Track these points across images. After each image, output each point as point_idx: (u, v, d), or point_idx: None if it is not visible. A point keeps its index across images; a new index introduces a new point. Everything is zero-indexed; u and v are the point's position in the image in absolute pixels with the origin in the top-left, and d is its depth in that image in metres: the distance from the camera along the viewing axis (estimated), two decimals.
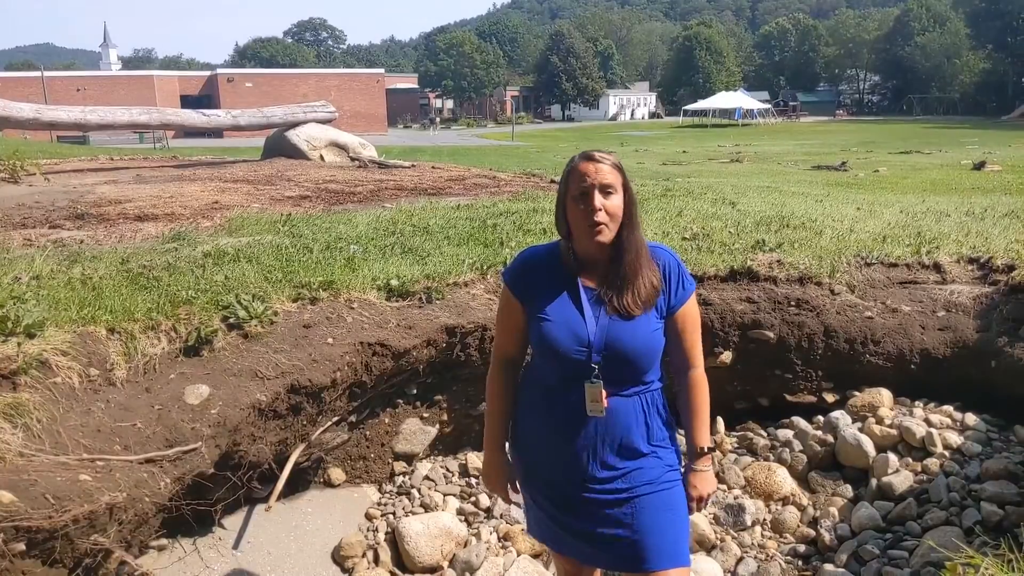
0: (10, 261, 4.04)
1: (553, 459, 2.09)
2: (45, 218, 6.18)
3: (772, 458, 4.05)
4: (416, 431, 3.90)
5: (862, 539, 3.41)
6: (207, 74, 51.34)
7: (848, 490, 3.79)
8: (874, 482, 3.69)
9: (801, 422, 4.18)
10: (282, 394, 3.22)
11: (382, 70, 60.72)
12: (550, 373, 2.07)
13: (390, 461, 3.87)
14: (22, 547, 2.23)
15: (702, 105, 59.43)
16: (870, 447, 3.81)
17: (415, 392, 3.89)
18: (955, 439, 3.70)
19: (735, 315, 4.28)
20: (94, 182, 8.95)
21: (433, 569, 3.33)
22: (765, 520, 3.73)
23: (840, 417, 4.04)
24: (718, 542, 3.57)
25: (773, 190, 8.54)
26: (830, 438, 3.98)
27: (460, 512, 3.67)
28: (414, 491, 3.74)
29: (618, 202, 1.97)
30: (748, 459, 4.08)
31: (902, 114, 69.09)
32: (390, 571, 3.32)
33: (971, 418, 3.84)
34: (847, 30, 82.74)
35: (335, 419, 3.58)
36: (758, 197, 7.45)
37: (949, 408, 3.95)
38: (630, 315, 1.99)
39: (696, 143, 31.90)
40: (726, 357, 4.27)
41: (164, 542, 3.01)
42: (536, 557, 3.44)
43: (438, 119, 61.62)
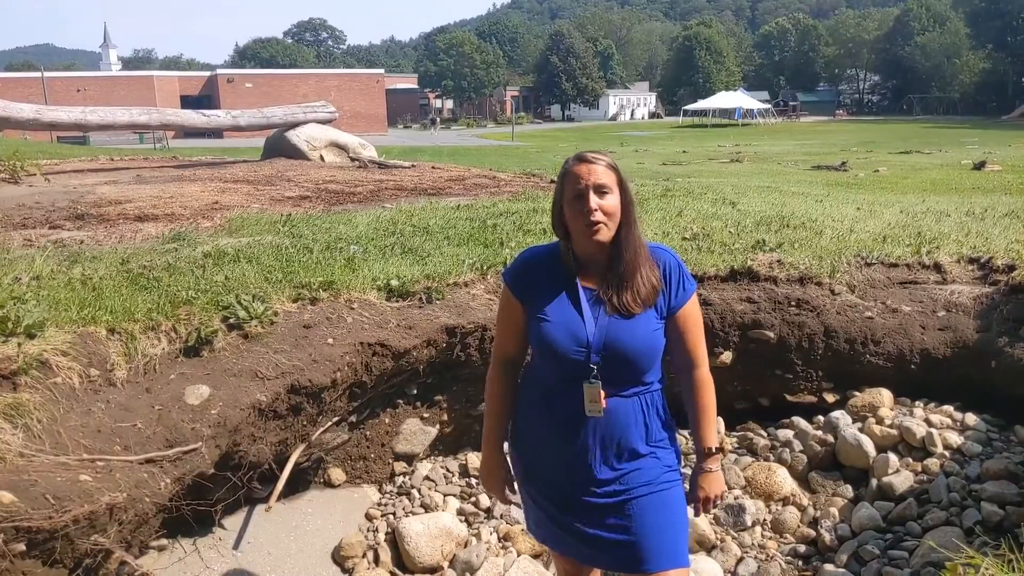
0: (10, 261, 4.04)
1: (552, 459, 2.09)
2: (45, 218, 6.18)
3: (772, 458, 4.05)
4: (416, 431, 3.90)
5: (862, 539, 3.41)
6: (207, 74, 51.37)
7: (848, 490, 3.79)
8: (874, 482, 3.69)
9: (801, 422, 4.18)
10: (282, 394, 3.23)
11: (382, 70, 60.73)
12: (549, 373, 2.07)
13: (390, 461, 3.87)
14: (22, 547, 2.23)
15: (702, 105, 59.42)
16: (870, 447, 3.81)
17: (415, 392, 3.89)
18: (955, 439, 3.70)
19: (735, 315, 4.28)
20: (94, 182, 8.96)
21: (433, 569, 3.33)
22: (765, 520, 3.73)
23: (840, 417, 4.05)
24: (718, 542, 3.57)
25: (773, 190, 8.54)
26: (830, 438, 3.98)
27: (460, 512, 3.67)
28: (414, 491, 3.74)
29: (614, 201, 1.97)
30: (748, 459, 4.08)
31: (902, 114, 69.10)
32: (390, 571, 3.32)
33: (971, 418, 3.84)
34: (847, 30, 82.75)
35: (335, 419, 3.58)
36: (758, 197, 7.45)
37: (949, 408, 3.95)
38: (630, 313, 1.99)
39: (696, 143, 31.89)
40: (726, 357, 4.27)
41: (164, 542, 3.01)
42: (536, 557, 3.44)
43: (438, 119, 61.62)
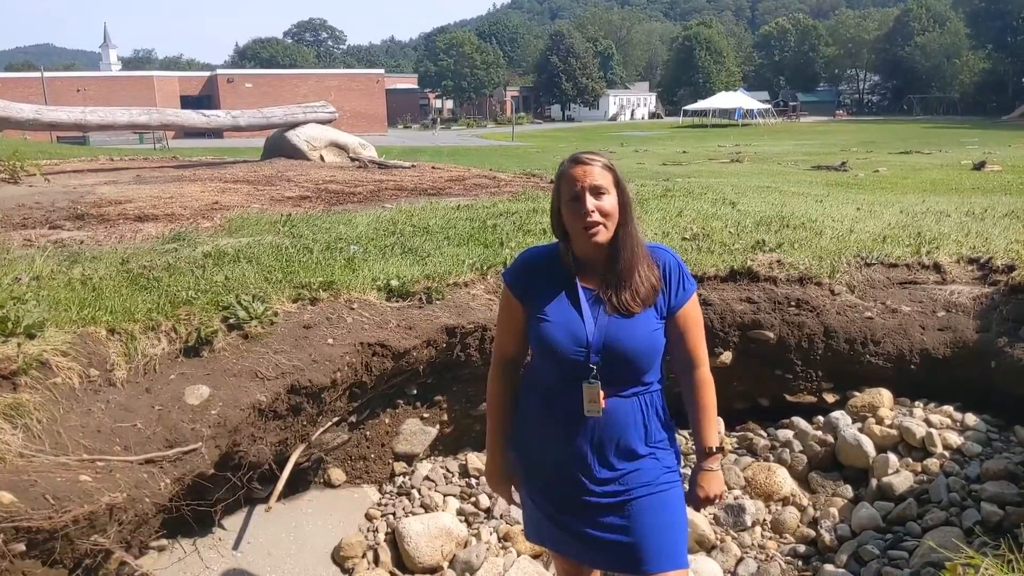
0: (10, 261, 4.04)
1: (552, 459, 2.09)
2: (45, 218, 6.18)
3: (772, 458, 4.06)
4: (416, 431, 3.90)
5: (862, 539, 3.41)
6: (207, 75, 51.38)
7: (848, 490, 3.79)
8: (874, 482, 3.69)
9: (801, 422, 4.18)
10: (282, 394, 3.23)
11: (382, 70, 60.72)
12: (549, 373, 2.07)
13: (390, 461, 3.87)
14: (22, 547, 2.23)
15: (702, 105, 59.42)
16: (870, 447, 3.81)
17: (415, 392, 3.89)
18: (955, 439, 3.70)
19: (735, 315, 4.28)
20: (94, 182, 8.95)
21: (433, 569, 3.33)
22: (765, 520, 3.73)
23: (840, 417, 4.05)
24: (718, 542, 3.57)
25: (773, 190, 8.54)
26: (830, 438, 3.98)
27: (460, 512, 3.67)
28: (414, 491, 3.74)
29: (612, 202, 1.98)
30: (748, 459, 4.08)
31: (902, 114, 69.11)
32: (390, 571, 3.32)
33: (971, 418, 3.84)
34: (847, 30, 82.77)
35: (335, 419, 3.58)
36: (758, 197, 7.45)
37: (949, 408, 3.95)
38: (629, 313, 1.99)
39: (696, 143, 31.88)
40: (726, 357, 4.27)
41: (164, 542, 3.01)
42: (536, 558, 3.44)
43: (439, 120, 61.66)
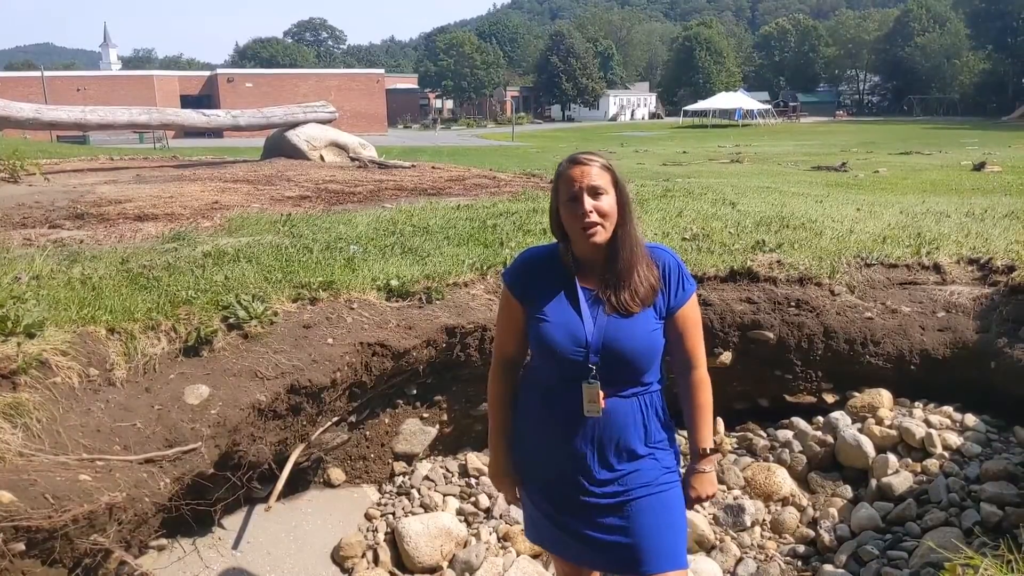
0: (10, 261, 4.04)
1: (551, 459, 2.09)
2: (45, 218, 6.18)
3: (772, 459, 4.06)
4: (416, 431, 3.90)
5: (862, 540, 3.41)
6: (207, 74, 51.38)
7: (848, 491, 3.79)
8: (874, 483, 3.69)
9: (801, 423, 4.18)
10: (282, 394, 3.23)
11: (382, 70, 60.71)
12: (549, 373, 2.07)
13: (390, 461, 3.87)
14: (22, 547, 2.23)
15: (702, 105, 59.45)
16: (870, 448, 3.81)
17: (415, 392, 3.89)
18: (955, 440, 3.70)
19: (735, 315, 4.28)
20: (94, 182, 8.95)
21: (433, 569, 3.33)
22: (765, 521, 3.73)
23: (840, 418, 4.05)
24: (717, 542, 3.57)
25: (773, 191, 8.54)
26: (830, 439, 3.98)
27: (460, 512, 3.67)
28: (414, 491, 3.74)
29: (610, 202, 1.97)
30: (748, 460, 4.08)
31: (902, 115, 69.12)
32: (390, 571, 3.33)
33: (971, 419, 3.84)
34: (847, 30, 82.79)
35: (335, 419, 3.58)
36: (758, 197, 7.45)
37: (949, 409, 3.95)
38: (628, 312, 1.99)
39: (696, 144, 31.89)
40: (726, 357, 4.27)
41: (164, 542, 3.01)
42: (536, 558, 3.44)
43: (439, 120, 61.66)
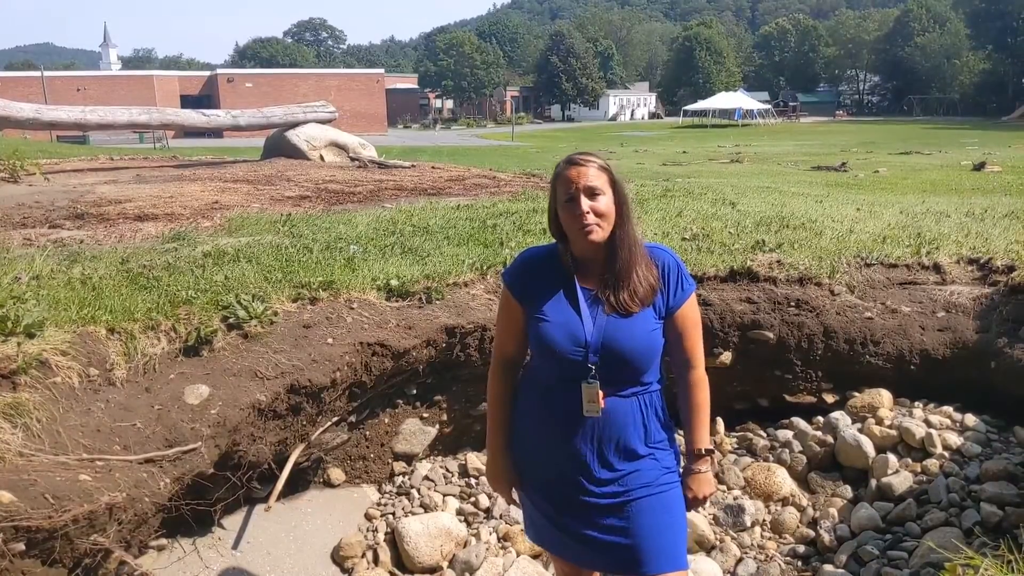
0: (10, 261, 4.04)
1: (551, 459, 2.09)
2: (45, 218, 6.18)
3: (772, 459, 4.06)
4: (416, 431, 3.90)
5: (862, 540, 3.41)
6: (207, 74, 51.38)
7: (848, 491, 3.79)
8: (874, 483, 3.69)
9: (801, 423, 4.18)
10: (282, 394, 3.23)
11: (382, 70, 60.72)
12: (548, 373, 2.07)
13: (390, 461, 3.87)
14: (22, 547, 2.23)
15: (702, 105, 59.43)
16: (870, 448, 3.81)
17: (415, 392, 3.89)
18: (955, 440, 3.70)
19: (735, 315, 4.28)
20: (94, 182, 8.95)
21: (433, 569, 3.33)
22: (765, 521, 3.73)
23: (840, 418, 4.05)
24: (717, 543, 3.57)
25: (773, 190, 8.53)
26: (830, 439, 3.98)
27: (460, 512, 3.67)
28: (414, 491, 3.74)
29: (607, 202, 1.97)
30: (748, 460, 4.08)
31: (902, 115, 69.11)
32: (390, 571, 3.33)
33: (971, 419, 3.84)
34: (847, 30, 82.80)
35: (335, 419, 3.59)
36: (758, 197, 7.45)
37: (949, 409, 3.95)
38: (628, 312, 1.99)
39: (696, 143, 31.87)
40: (726, 357, 4.27)
41: (164, 542, 3.01)
42: (536, 558, 3.44)
43: (440, 120, 61.68)
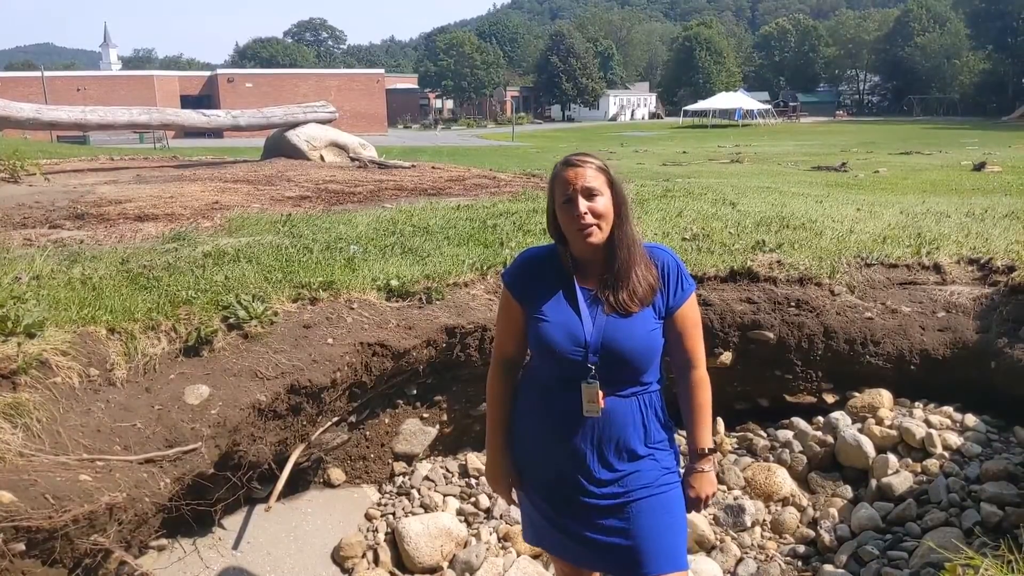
0: (10, 261, 4.04)
1: (551, 460, 2.09)
2: (45, 218, 6.18)
3: (772, 459, 4.06)
4: (416, 431, 3.90)
5: (862, 540, 3.41)
6: (207, 74, 51.39)
7: (848, 491, 3.79)
8: (874, 483, 3.69)
9: (801, 423, 4.18)
10: (282, 394, 3.23)
11: (382, 70, 60.71)
12: (548, 374, 2.07)
13: (390, 461, 3.87)
14: (22, 547, 2.23)
15: (702, 106, 59.43)
16: (870, 448, 3.81)
17: (415, 392, 3.89)
18: (955, 440, 3.70)
19: (735, 316, 4.28)
20: (94, 182, 8.96)
21: (433, 569, 3.33)
22: (765, 521, 3.73)
23: (840, 418, 4.05)
24: (718, 543, 3.57)
25: (773, 191, 8.53)
26: (830, 439, 3.98)
27: (460, 512, 3.67)
28: (414, 491, 3.74)
29: (605, 203, 1.98)
30: (748, 460, 4.08)
31: (902, 115, 69.10)
32: (390, 571, 3.33)
33: (971, 419, 3.84)
34: (847, 30, 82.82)
35: (335, 419, 3.59)
36: (758, 198, 7.45)
37: (949, 409, 3.95)
38: (627, 312, 1.99)
39: (696, 144, 31.87)
40: (726, 358, 4.27)
41: (164, 542, 3.01)
42: (536, 558, 3.44)
43: (440, 120, 61.72)
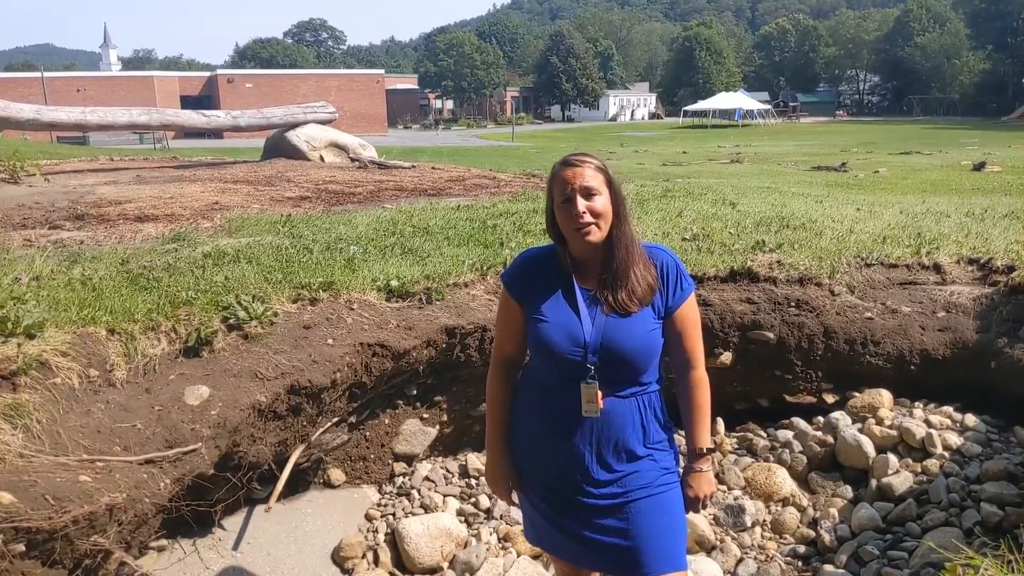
0: (10, 262, 4.04)
1: (550, 460, 2.09)
2: (45, 219, 6.18)
3: (772, 459, 4.06)
4: (416, 432, 3.90)
5: (862, 540, 3.41)
6: (207, 75, 51.40)
7: (848, 491, 3.79)
8: (874, 483, 3.69)
9: (801, 423, 4.18)
10: (282, 395, 3.23)
11: (382, 71, 60.74)
12: (548, 374, 2.07)
13: (390, 462, 3.87)
14: (22, 548, 2.23)
15: (702, 106, 59.45)
16: (870, 448, 3.81)
17: (415, 393, 3.89)
18: (955, 440, 3.70)
19: (735, 316, 4.28)
20: (94, 183, 8.96)
21: (433, 570, 3.33)
22: (765, 521, 3.73)
23: (840, 418, 4.05)
24: (718, 543, 3.57)
25: (773, 191, 8.53)
26: (830, 439, 3.98)
27: (460, 513, 3.67)
28: (414, 492, 3.74)
29: (604, 202, 1.98)
30: (748, 460, 4.08)
31: (902, 115, 69.09)
32: (390, 572, 3.33)
33: (971, 419, 3.84)
34: (847, 30, 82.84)
35: (335, 420, 3.59)
36: (758, 198, 7.45)
37: (949, 409, 3.95)
38: (626, 312, 1.99)
39: (696, 144, 31.87)
40: (726, 358, 4.27)
41: (164, 543, 3.01)
42: (536, 558, 3.44)
43: (441, 120, 61.75)
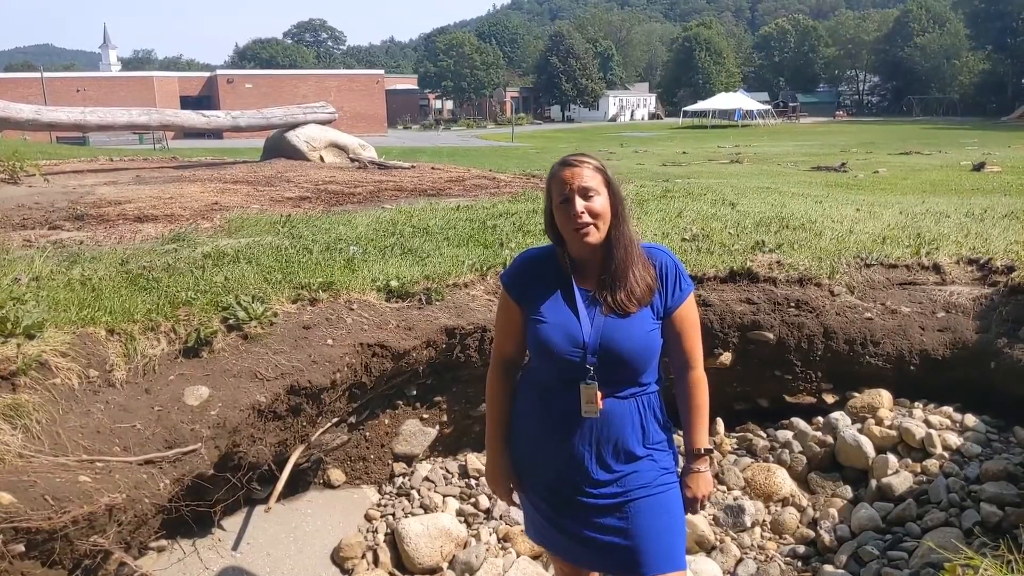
0: (10, 262, 4.04)
1: (549, 460, 2.09)
2: (44, 219, 6.18)
3: (772, 459, 4.06)
4: (416, 432, 3.90)
5: (862, 540, 3.41)
6: (207, 75, 51.39)
7: (848, 491, 3.79)
8: (874, 483, 3.69)
9: (800, 423, 4.18)
10: (282, 395, 3.23)
11: (382, 71, 60.73)
12: (547, 374, 2.07)
13: (390, 462, 3.87)
14: (21, 548, 2.23)
15: (702, 106, 59.42)
16: (870, 448, 3.81)
17: (415, 393, 3.89)
18: (955, 440, 3.70)
19: (735, 316, 4.28)
20: (94, 183, 8.96)
21: (433, 570, 3.33)
22: (765, 521, 3.73)
23: (840, 418, 4.05)
24: (717, 543, 3.57)
25: (773, 191, 8.53)
26: (830, 439, 3.98)
27: (460, 513, 3.67)
28: (414, 492, 3.74)
29: (602, 203, 1.97)
30: (748, 460, 4.08)
31: (902, 115, 69.11)
32: (390, 572, 3.33)
33: (971, 419, 3.84)
34: (847, 31, 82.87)
35: (335, 420, 3.59)
36: (758, 198, 7.45)
37: (949, 409, 3.95)
38: (625, 312, 2.00)
39: (696, 144, 31.86)
40: (726, 358, 4.27)
41: (163, 543, 3.01)
42: (536, 558, 3.44)
43: (442, 121, 61.78)
